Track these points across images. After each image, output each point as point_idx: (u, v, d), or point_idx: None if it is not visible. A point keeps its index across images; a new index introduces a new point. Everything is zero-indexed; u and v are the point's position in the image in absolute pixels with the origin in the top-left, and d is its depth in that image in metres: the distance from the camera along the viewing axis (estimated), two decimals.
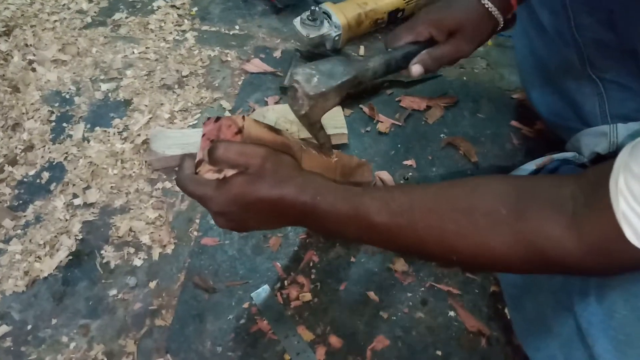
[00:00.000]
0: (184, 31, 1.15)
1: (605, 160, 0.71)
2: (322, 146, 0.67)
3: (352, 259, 0.82)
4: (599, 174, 0.43)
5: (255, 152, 0.51)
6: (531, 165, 0.79)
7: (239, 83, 1.06)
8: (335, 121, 0.95)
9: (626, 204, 0.39)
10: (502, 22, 0.66)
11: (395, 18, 1.11)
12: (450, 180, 0.54)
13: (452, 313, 0.78)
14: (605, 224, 0.40)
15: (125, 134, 0.96)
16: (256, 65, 1.07)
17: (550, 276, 0.60)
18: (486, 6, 0.64)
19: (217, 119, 0.57)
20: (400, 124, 0.98)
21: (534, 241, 0.45)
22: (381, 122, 0.98)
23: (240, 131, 0.55)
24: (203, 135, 0.57)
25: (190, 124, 0.98)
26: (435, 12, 0.66)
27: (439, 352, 0.74)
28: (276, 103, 1.01)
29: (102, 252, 0.83)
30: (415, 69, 0.65)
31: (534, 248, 0.45)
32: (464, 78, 1.07)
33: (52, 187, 0.90)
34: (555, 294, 0.59)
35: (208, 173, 0.54)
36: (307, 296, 0.78)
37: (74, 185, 0.89)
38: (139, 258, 0.82)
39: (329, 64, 0.60)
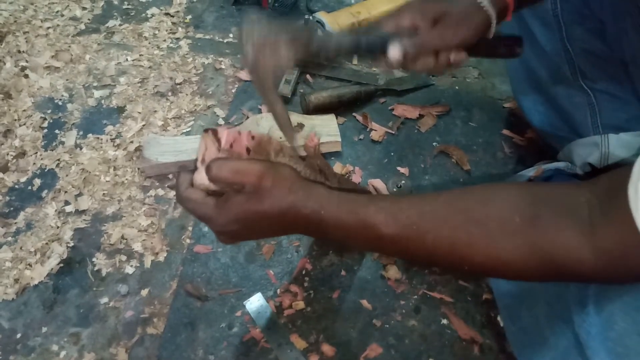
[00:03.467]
0: (177, 39, 1.15)
1: (596, 170, 0.72)
2: (281, 127, 0.62)
3: (343, 272, 0.82)
4: (614, 182, 0.42)
5: (250, 170, 0.48)
6: (526, 174, 0.79)
7: (233, 91, 1.06)
8: (328, 129, 0.95)
9: None
10: (495, 18, 0.63)
11: None
12: (459, 189, 0.52)
13: (445, 321, 0.78)
14: (624, 231, 0.39)
15: (118, 141, 0.96)
16: None
17: (546, 286, 0.59)
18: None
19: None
20: (393, 132, 0.99)
21: (549, 250, 0.44)
22: (374, 130, 0.99)
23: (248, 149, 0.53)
24: (216, 137, 0.52)
25: (184, 131, 0.98)
26: (421, 1, 0.65)
27: None
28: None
29: (94, 259, 0.82)
30: (393, 50, 0.62)
31: (549, 257, 0.44)
32: (456, 87, 1.08)
33: (43, 194, 0.89)
34: (552, 305, 0.58)
35: (204, 180, 0.51)
36: (300, 304, 0.78)
37: (65, 192, 0.89)
38: (131, 266, 0.82)
39: (290, 22, 0.58)
